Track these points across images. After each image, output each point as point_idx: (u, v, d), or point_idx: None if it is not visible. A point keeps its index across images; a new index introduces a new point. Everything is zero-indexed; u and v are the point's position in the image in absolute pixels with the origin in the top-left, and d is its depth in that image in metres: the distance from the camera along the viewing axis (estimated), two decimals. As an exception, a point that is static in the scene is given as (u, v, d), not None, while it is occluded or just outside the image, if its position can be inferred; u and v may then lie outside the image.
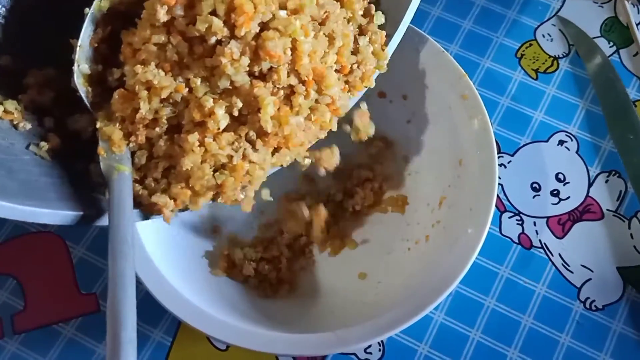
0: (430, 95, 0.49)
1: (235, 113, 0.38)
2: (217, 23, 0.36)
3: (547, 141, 0.54)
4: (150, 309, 0.48)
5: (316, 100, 0.40)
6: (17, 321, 0.49)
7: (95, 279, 0.50)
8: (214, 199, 0.39)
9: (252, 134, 0.38)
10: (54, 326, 0.49)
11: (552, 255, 0.50)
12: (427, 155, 0.50)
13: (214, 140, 0.38)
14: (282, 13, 0.38)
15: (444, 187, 0.48)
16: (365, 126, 0.43)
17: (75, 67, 0.40)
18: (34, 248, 0.51)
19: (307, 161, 0.41)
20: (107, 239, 0.50)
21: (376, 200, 0.51)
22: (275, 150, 0.39)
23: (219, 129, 0.38)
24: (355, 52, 0.42)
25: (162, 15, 0.37)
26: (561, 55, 0.57)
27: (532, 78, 0.56)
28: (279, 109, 0.38)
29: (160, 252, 0.44)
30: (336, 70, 0.40)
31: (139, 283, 0.45)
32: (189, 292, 0.43)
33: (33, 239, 0.51)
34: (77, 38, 0.40)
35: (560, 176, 0.53)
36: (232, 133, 0.38)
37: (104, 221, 0.38)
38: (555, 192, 0.52)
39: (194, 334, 0.48)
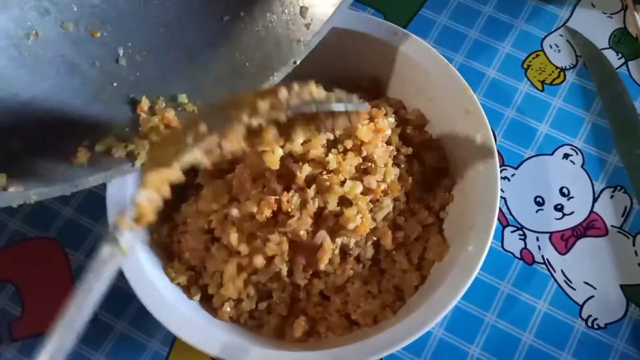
0: (434, 108, 0.48)
1: None
2: None
3: (552, 154, 0.53)
4: (147, 319, 0.48)
5: None
6: (15, 328, 0.49)
7: (93, 287, 0.49)
8: None
9: None
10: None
11: (555, 272, 0.50)
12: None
13: None
14: None
15: (445, 203, 0.47)
16: None
17: None
18: (32, 254, 0.51)
19: None
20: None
21: None
22: None
23: None
24: None
25: None
26: (568, 67, 0.57)
27: (538, 89, 0.56)
28: None
29: (155, 268, 0.44)
30: None
31: (134, 296, 0.45)
32: (181, 304, 0.42)
33: (32, 245, 0.51)
34: None
35: (565, 190, 0.52)
36: None
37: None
38: (559, 206, 0.52)
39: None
